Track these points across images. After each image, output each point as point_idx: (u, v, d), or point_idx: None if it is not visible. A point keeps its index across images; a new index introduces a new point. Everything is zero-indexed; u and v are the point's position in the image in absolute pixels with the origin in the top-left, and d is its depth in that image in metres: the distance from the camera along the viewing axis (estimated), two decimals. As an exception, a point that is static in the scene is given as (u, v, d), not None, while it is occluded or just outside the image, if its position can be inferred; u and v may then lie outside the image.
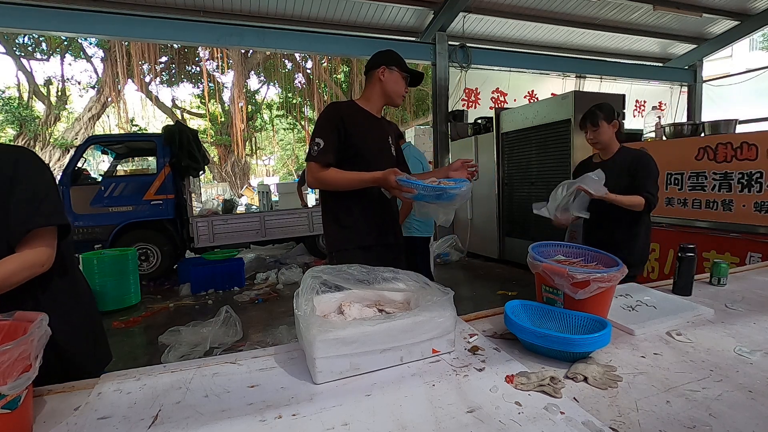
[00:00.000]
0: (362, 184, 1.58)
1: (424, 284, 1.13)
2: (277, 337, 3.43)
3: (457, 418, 0.77)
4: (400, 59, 1.74)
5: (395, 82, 1.71)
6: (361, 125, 1.68)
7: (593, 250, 1.32)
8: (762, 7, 7.37)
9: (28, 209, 0.98)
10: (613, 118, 2.10)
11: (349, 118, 1.65)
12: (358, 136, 1.64)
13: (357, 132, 1.64)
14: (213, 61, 12.93)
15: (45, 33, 6.60)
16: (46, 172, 1.06)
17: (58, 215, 1.03)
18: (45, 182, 1.04)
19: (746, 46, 15.09)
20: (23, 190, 0.99)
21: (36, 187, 1.01)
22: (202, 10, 5.81)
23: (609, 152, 2.14)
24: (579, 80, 8.56)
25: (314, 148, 1.60)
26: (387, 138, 1.81)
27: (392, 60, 1.72)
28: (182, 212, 5.92)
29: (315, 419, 0.78)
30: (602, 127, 2.08)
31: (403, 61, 1.75)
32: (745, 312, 1.27)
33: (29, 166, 1.02)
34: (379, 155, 1.72)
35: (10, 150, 1.03)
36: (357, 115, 1.70)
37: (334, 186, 1.62)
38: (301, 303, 1.00)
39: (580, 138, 4.67)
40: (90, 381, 0.95)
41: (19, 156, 1.02)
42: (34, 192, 1.00)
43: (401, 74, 1.72)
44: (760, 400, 0.80)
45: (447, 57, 6.96)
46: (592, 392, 0.85)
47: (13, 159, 1.00)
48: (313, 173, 1.61)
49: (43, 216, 1.00)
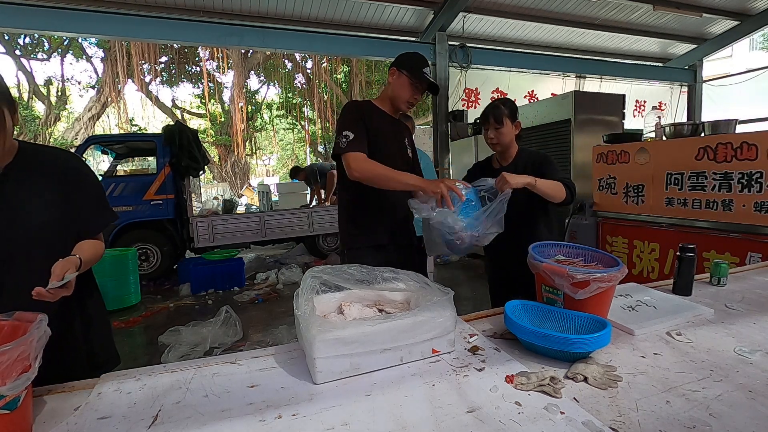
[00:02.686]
0: (404, 187, 1.52)
1: (424, 284, 1.13)
2: (277, 337, 3.43)
3: (457, 418, 0.77)
4: (415, 65, 1.66)
5: (401, 87, 1.67)
6: (379, 124, 1.66)
7: (593, 250, 1.32)
8: (762, 7, 7.37)
9: (99, 206, 1.17)
10: (516, 118, 1.85)
11: (368, 115, 1.64)
12: (377, 135, 1.63)
13: (375, 131, 1.63)
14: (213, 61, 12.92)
15: (45, 33, 6.61)
16: (94, 173, 1.21)
17: (112, 212, 1.22)
18: (99, 183, 1.20)
19: (746, 46, 15.09)
20: (93, 189, 1.16)
21: (99, 187, 1.19)
22: (202, 10, 5.81)
23: (509, 156, 1.89)
24: (579, 80, 8.57)
25: (343, 140, 1.54)
26: (403, 139, 1.79)
27: (405, 64, 1.67)
28: (182, 212, 5.92)
29: (315, 419, 0.78)
30: (506, 126, 1.80)
31: (418, 68, 1.66)
32: (745, 312, 1.27)
33: (87, 167, 1.17)
34: (395, 156, 1.69)
35: (64, 150, 1.18)
36: (374, 113, 1.68)
37: (377, 179, 1.53)
38: (301, 303, 1.00)
39: (580, 138, 4.69)
40: (90, 381, 0.95)
41: (74, 155, 1.17)
42: (100, 192, 1.18)
43: (410, 80, 1.66)
44: (760, 400, 0.80)
45: (447, 57, 6.96)
46: (592, 392, 0.85)
47: (74, 157, 1.15)
48: (358, 162, 1.52)
49: (110, 213, 1.20)
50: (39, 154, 1.08)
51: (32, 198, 1.03)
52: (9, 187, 1.01)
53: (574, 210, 4.51)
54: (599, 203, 4.21)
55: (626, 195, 3.89)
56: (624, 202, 3.92)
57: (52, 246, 1.05)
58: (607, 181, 4.10)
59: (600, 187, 4.17)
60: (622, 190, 3.92)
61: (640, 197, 3.76)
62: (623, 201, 3.93)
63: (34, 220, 1.02)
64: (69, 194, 1.08)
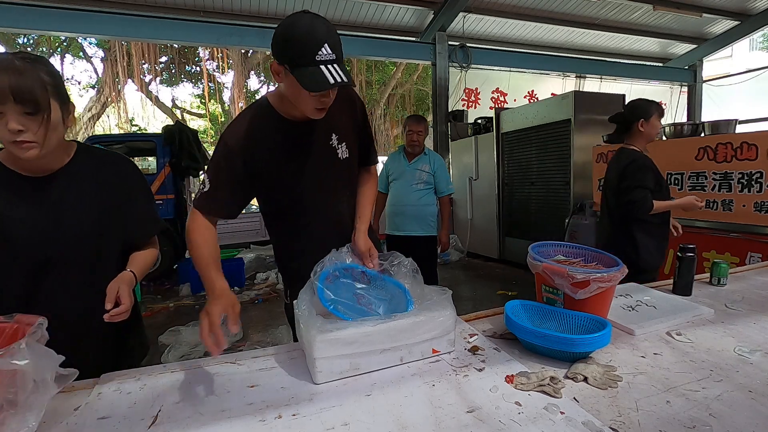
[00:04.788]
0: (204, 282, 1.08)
1: (422, 284, 1.13)
2: (277, 337, 3.43)
3: (457, 418, 0.77)
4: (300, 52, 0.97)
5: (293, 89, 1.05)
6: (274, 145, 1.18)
7: (593, 250, 1.32)
8: (762, 7, 7.37)
9: (151, 214, 1.18)
10: None
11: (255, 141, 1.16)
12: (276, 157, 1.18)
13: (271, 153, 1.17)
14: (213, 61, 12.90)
15: (45, 33, 6.59)
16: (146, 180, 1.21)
17: (161, 220, 1.22)
18: (149, 190, 1.20)
19: (746, 46, 15.07)
20: (144, 198, 1.16)
21: (149, 196, 1.19)
22: (202, 10, 5.81)
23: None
24: (579, 80, 8.56)
25: (199, 188, 1.19)
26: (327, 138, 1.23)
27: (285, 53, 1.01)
28: (182, 212, 5.92)
29: (315, 419, 0.78)
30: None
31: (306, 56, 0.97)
32: (745, 312, 1.27)
33: (140, 176, 1.17)
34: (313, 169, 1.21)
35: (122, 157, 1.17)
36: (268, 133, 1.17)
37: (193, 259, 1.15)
38: (301, 303, 1.00)
39: (581, 138, 4.69)
40: (90, 381, 0.95)
41: (130, 163, 1.17)
42: (150, 198, 1.18)
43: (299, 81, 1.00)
44: (760, 400, 0.80)
45: (447, 57, 6.96)
46: (592, 392, 0.85)
47: (130, 165, 1.16)
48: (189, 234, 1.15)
49: (160, 221, 1.21)
50: (96, 158, 1.08)
51: (81, 203, 1.03)
52: (59, 190, 1.01)
53: (574, 210, 4.51)
54: (599, 203, 4.21)
55: (626, 195, 3.89)
56: (624, 202, 3.91)
57: (94, 253, 1.05)
58: (607, 181, 4.09)
59: (600, 187, 4.17)
60: (622, 190, 3.92)
61: (640, 197, 3.75)
62: (623, 201, 3.92)
63: (79, 226, 1.02)
64: (120, 204, 1.09)
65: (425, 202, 2.99)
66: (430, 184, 3.00)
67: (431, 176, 2.99)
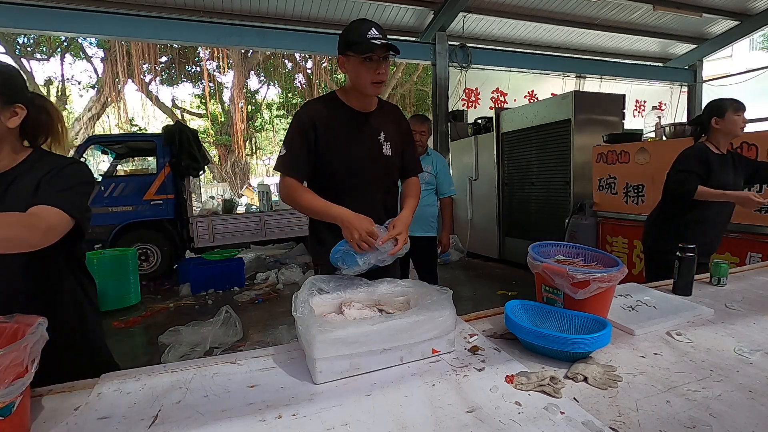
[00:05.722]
0: (330, 219, 1.33)
1: (423, 284, 1.13)
2: (277, 337, 3.43)
3: (457, 418, 0.77)
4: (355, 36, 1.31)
5: (355, 71, 1.35)
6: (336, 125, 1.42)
7: (593, 250, 1.32)
8: (762, 7, 7.37)
9: (53, 192, 1.00)
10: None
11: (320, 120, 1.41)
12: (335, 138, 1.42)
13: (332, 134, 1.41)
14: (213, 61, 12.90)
15: (45, 33, 6.60)
16: (88, 181, 1.10)
17: (77, 210, 1.02)
18: (81, 183, 1.07)
19: (746, 46, 15.08)
20: (59, 182, 1.03)
21: (71, 183, 1.04)
22: (202, 10, 5.81)
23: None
24: (579, 80, 8.56)
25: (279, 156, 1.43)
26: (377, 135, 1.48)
27: (345, 43, 1.35)
28: (182, 212, 5.92)
29: (315, 419, 0.78)
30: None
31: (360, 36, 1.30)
32: (745, 312, 1.27)
33: (78, 170, 1.08)
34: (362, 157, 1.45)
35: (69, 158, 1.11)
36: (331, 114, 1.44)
37: (301, 211, 1.42)
38: (300, 303, 1.00)
39: (581, 138, 4.69)
40: (90, 381, 0.95)
41: (74, 162, 1.10)
42: (67, 185, 1.03)
43: (361, 57, 1.31)
44: (760, 400, 0.80)
45: (447, 57, 6.96)
46: (592, 392, 0.85)
47: (70, 161, 1.09)
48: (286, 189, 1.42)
49: (64, 201, 0.99)
50: (47, 163, 1.06)
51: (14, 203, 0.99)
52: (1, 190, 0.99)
53: (574, 210, 4.51)
54: (599, 203, 4.21)
55: (626, 195, 3.90)
56: (624, 202, 3.92)
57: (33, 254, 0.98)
58: (607, 181, 4.10)
59: (600, 187, 4.18)
60: (622, 190, 3.93)
61: (640, 197, 3.77)
62: (623, 201, 3.93)
63: None
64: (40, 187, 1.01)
65: (426, 202, 2.98)
66: (431, 185, 2.99)
67: (433, 177, 2.98)
